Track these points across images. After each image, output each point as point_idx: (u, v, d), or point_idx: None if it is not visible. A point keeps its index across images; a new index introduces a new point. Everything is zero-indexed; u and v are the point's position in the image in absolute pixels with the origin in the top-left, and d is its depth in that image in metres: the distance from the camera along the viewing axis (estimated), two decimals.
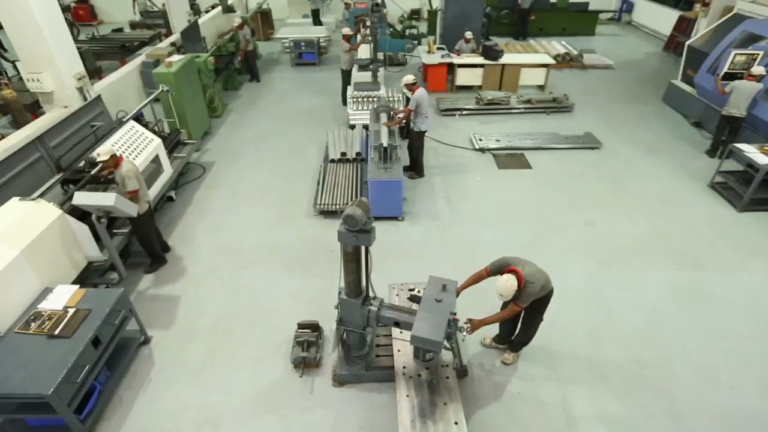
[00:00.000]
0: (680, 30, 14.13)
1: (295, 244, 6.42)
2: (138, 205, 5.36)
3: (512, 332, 4.75)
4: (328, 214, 6.98)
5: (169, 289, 5.70)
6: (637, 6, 17.31)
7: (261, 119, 10.15)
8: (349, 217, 3.57)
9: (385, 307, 4.22)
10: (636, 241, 6.49)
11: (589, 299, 5.54)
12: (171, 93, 7.53)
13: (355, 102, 9.38)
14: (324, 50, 14.15)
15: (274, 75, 12.80)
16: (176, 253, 6.24)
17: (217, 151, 8.81)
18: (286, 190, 7.61)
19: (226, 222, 6.87)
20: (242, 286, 5.73)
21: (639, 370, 4.69)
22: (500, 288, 3.91)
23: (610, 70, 13.00)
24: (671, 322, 5.24)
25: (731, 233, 6.65)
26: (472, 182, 7.86)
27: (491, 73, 11.03)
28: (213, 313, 5.36)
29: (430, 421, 3.91)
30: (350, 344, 4.58)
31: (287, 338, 4.98)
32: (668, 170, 8.16)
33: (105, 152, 5.05)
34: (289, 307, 5.39)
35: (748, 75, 7.71)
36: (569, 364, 4.76)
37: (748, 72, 7.94)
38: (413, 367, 4.46)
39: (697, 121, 9.69)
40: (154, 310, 5.38)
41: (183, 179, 7.82)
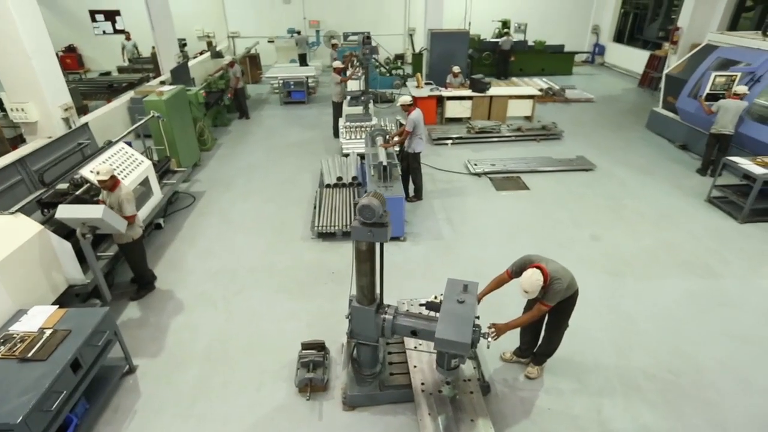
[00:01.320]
0: (652, 67, 14.86)
1: (292, 268, 6.06)
2: (133, 230, 5.02)
3: (534, 343, 4.42)
4: (327, 237, 6.68)
5: (156, 316, 5.23)
6: (609, 49, 18.30)
7: (251, 151, 10.00)
8: (366, 207, 3.32)
9: (401, 314, 3.87)
10: (644, 253, 6.34)
11: (607, 310, 5.27)
12: (162, 119, 7.36)
13: (348, 131, 9.36)
14: (312, 90, 14.37)
15: (263, 113, 12.83)
16: (165, 280, 5.80)
17: (207, 181, 8.55)
18: (280, 215, 7.33)
19: (219, 248, 6.50)
20: (237, 310, 5.30)
21: (672, 379, 4.36)
22: (525, 283, 3.64)
23: (592, 103, 13.44)
24: (695, 329, 4.98)
25: (737, 243, 6.57)
26: (472, 203, 7.72)
27: (480, 104, 11.25)
28: (206, 338, 4.89)
29: None
30: (361, 361, 4.16)
31: (289, 361, 4.53)
32: (663, 189, 8.19)
33: (105, 171, 4.75)
34: (290, 330, 4.97)
35: (732, 94, 7.96)
36: (597, 376, 4.41)
37: (730, 92, 8.22)
38: (432, 383, 4.05)
39: (683, 144, 9.91)
40: (140, 338, 4.89)
41: (172, 208, 7.48)
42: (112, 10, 17.03)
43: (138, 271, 5.34)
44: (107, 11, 17.03)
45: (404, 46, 18.35)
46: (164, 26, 12.19)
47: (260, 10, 17.45)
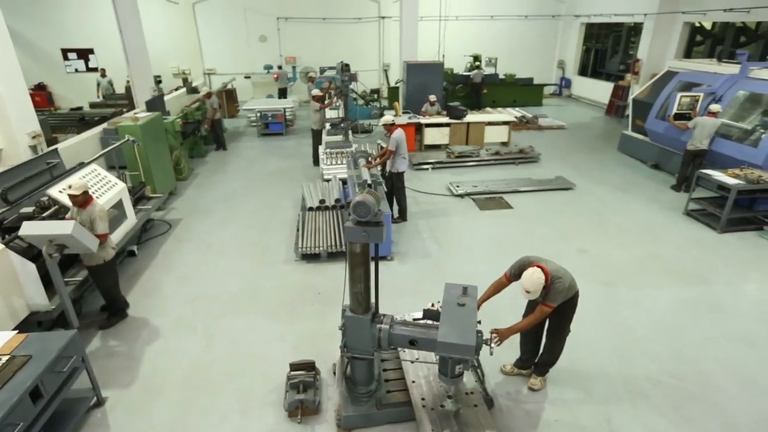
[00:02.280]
0: (617, 96, 15.58)
1: (277, 290, 5.76)
2: (105, 251, 4.70)
3: (535, 353, 4.23)
4: (311, 259, 6.44)
5: (129, 344, 4.81)
6: (575, 81, 19.17)
7: (230, 180, 9.78)
8: (360, 204, 3.16)
9: (398, 323, 3.65)
10: (632, 263, 6.34)
11: (604, 318, 5.16)
12: (137, 143, 7.12)
13: (329, 157, 9.28)
14: (290, 122, 14.38)
15: (241, 144, 12.69)
16: (138, 307, 5.40)
17: (183, 209, 8.23)
18: (262, 240, 7.06)
19: (197, 273, 6.16)
20: (219, 335, 4.94)
21: (678, 384, 4.22)
22: (526, 283, 3.50)
23: (564, 130, 13.87)
24: (693, 334, 4.90)
25: (719, 252, 6.65)
26: (457, 223, 7.65)
27: (457, 131, 11.42)
28: (184, 364, 4.51)
29: None
30: (356, 379, 3.87)
31: (277, 385, 4.20)
32: (642, 204, 8.33)
33: (78, 186, 4.47)
34: (277, 352, 4.64)
35: (708, 113, 8.31)
36: (602, 384, 4.23)
37: (696, 111, 8.60)
38: (433, 398, 3.79)
39: (654, 164, 10.22)
40: (109, 368, 4.47)
41: (146, 236, 7.12)
42: (86, 49, 16.91)
43: (109, 297, 4.95)
44: (80, 50, 16.89)
45: (379, 81, 18.79)
46: (139, 59, 12.11)
47: (236, 47, 17.66)
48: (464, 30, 17.83)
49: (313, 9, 17.36)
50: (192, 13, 17.04)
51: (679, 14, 13.11)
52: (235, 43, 17.66)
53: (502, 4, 18.18)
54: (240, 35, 17.59)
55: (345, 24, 17.74)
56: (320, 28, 17.72)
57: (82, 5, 16.06)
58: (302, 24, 17.57)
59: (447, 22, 15.74)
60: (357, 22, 17.77)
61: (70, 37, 16.63)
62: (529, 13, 18.46)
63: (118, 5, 11.65)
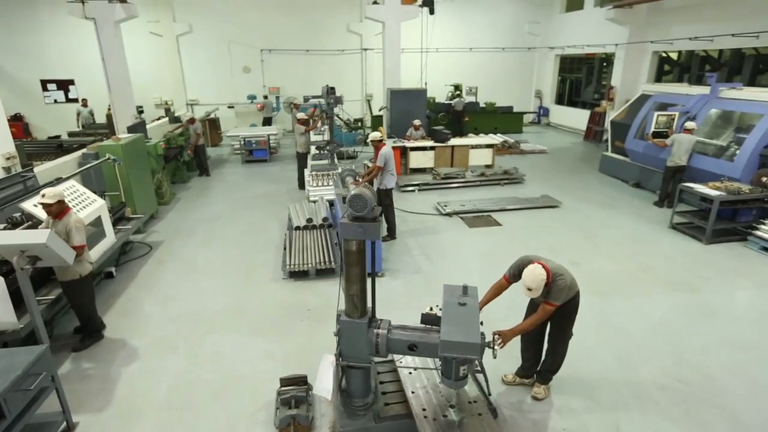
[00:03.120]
0: (594, 122, 16.07)
1: (264, 308, 5.51)
2: (81, 265, 4.43)
3: (537, 360, 4.07)
4: (299, 276, 6.22)
5: (104, 366, 4.47)
6: (552, 110, 19.78)
7: (213, 204, 9.56)
8: (357, 197, 3.05)
9: (396, 328, 3.47)
10: (624, 274, 6.31)
11: (602, 327, 5.05)
12: (118, 163, 6.92)
13: (315, 178, 9.19)
14: (274, 150, 14.33)
15: (224, 170, 12.53)
16: (115, 328, 5.07)
17: (165, 232, 7.95)
18: (247, 259, 6.83)
19: (180, 292, 5.87)
20: (203, 353, 4.65)
21: (685, 388, 4.09)
22: (527, 280, 3.39)
23: (545, 154, 14.15)
24: (693, 339, 4.82)
25: (708, 261, 6.69)
26: (447, 240, 7.56)
27: (442, 154, 11.52)
28: (165, 385, 4.19)
29: None
30: (352, 390, 3.63)
31: (267, 402, 3.92)
32: (628, 219, 8.41)
33: (52, 195, 4.25)
34: (266, 370, 4.36)
35: (684, 129, 8.56)
36: (608, 391, 4.07)
37: (672, 129, 8.87)
38: (434, 409, 3.56)
39: (636, 183, 10.42)
40: (82, 391, 4.12)
41: (125, 258, 6.81)
42: (66, 80, 16.79)
43: (84, 316, 4.63)
44: (61, 81, 16.76)
45: (362, 111, 19.04)
46: (122, 88, 12.02)
47: (220, 78, 17.76)
48: (444, 61, 18.38)
49: (296, 41, 17.71)
50: (176, 46, 17.17)
51: (648, 43, 13.77)
52: (218, 74, 17.78)
53: (480, 37, 18.88)
54: (224, 66, 17.74)
55: (328, 55, 18.10)
56: (303, 59, 18.04)
57: (63, 36, 16.05)
58: (286, 55, 17.87)
59: (428, 54, 16.22)
60: (340, 54, 18.15)
61: (51, 68, 16.53)
62: (506, 45, 19.20)
63: (102, 35, 11.65)
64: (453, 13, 17.80)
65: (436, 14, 14.27)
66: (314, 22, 17.64)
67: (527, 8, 18.95)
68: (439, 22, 16.21)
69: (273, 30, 17.52)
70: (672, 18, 13.09)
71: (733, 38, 10.97)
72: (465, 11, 18.32)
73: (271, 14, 17.32)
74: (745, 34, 10.65)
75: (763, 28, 10.28)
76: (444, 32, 17.68)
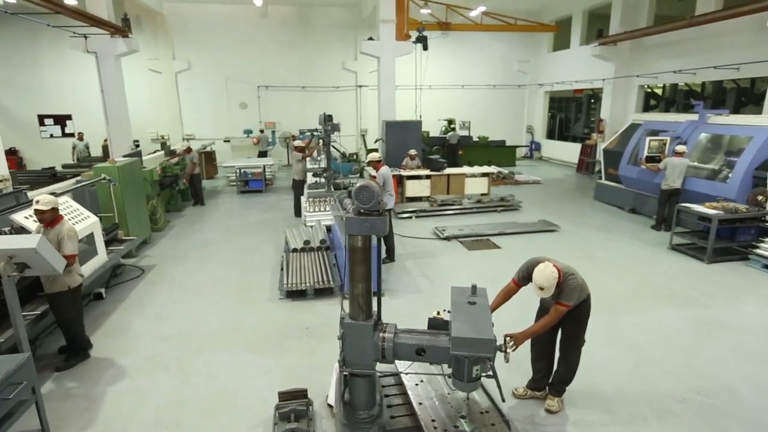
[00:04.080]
0: (586, 154, 16.36)
1: (260, 327, 5.28)
2: (71, 276, 4.25)
3: (549, 370, 3.89)
4: (297, 296, 6.02)
5: (89, 385, 4.20)
6: (544, 144, 20.18)
7: (208, 230, 9.41)
8: (363, 188, 2.97)
9: (403, 331, 3.30)
10: (627, 291, 6.20)
11: (611, 341, 4.89)
12: (113, 183, 6.82)
13: (312, 204, 9.13)
14: (270, 181, 14.32)
15: (219, 200, 12.44)
16: (103, 347, 4.81)
17: (158, 256, 7.75)
18: (243, 280, 6.64)
19: (172, 312, 5.63)
20: (196, 371, 4.39)
21: (705, 400, 3.90)
22: (539, 278, 3.28)
23: (540, 184, 14.28)
24: (707, 352, 4.66)
25: (711, 279, 6.61)
26: (446, 262, 7.44)
27: (438, 182, 11.57)
28: (154, 404, 3.92)
29: None
30: (355, 402, 3.41)
31: (264, 419, 3.67)
32: (627, 241, 8.38)
33: (46, 202, 4.13)
34: (263, 386, 4.12)
35: (675, 153, 8.70)
36: (624, 404, 3.87)
37: (665, 153, 9.01)
38: (444, 420, 3.34)
39: (632, 209, 10.46)
40: (64, 410, 3.84)
41: (116, 280, 6.58)
42: (64, 115, 16.93)
43: (70, 332, 4.39)
44: (58, 116, 16.89)
45: (357, 145, 19.28)
46: (119, 118, 12.14)
47: (217, 113, 18.02)
48: (438, 97, 18.85)
49: (293, 78, 18.15)
50: (174, 82, 17.50)
51: (634, 78, 14.26)
52: (215, 109, 18.06)
53: (472, 74, 19.49)
54: (221, 102, 18.05)
55: (323, 92, 18.51)
56: (299, 95, 18.42)
57: (62, 72, 16.34)
58: (282, 92, 18.24)
59: (422, 91, 16.64)
60: (335, 91, 18.58)
61: (49, 103, 16.70)
62: (497, 83, 19.81)
63: (103, 69, 11.86)
64: (445, 52, 18.40)
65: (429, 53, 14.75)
66: (310, 60, 18.15)
67: (516, 48, 19.71)
68: (432, 60, 16.70)
69: (270, 67, 17.97)
70: (655, 54, 13.64)
71: (716, 70, 11.38)
72: (456, 50, 18.98)
73: (268, 52, 17.82)
74: (727, 66, 11.07)
75: (742, 60, 10.70)
76: (437, 70, 18.18)
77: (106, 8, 11.12)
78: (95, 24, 10.44)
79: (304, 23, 17.88)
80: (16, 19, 15.28)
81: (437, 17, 14.73)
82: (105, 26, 10.83)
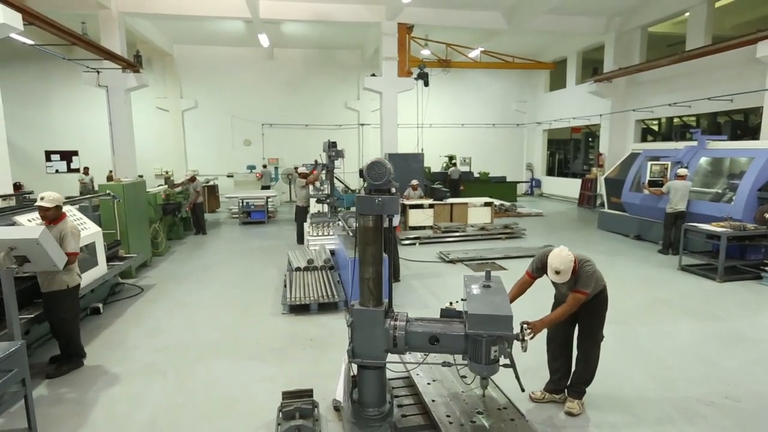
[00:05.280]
0: (586, 188, 16.46)
1: (263, 339, 5.08)
2: (70, 275, 4.14)
3: (567, 371, 3.70)
4: (300, 311, 5.83)
5: (80, 391, 3.98)
6: (544, 181, 20.37)
7: (209, 255, 9.29)
8: (376, 164, 2.94)
9: (415, 320, 3.16)
10: (641, 307, 6.03)
11: (629, 351, 4.69)
12: (117, 200, 6.80)
13: (315, 227, 9.07)
14: (272, 214, 14.32)
15: (221, 230, 12.37)
16: (98, 357, 4.60)
17: (157, 277, 7.58)
18: (244, 298, 6.46)
19: (170, 325, 5.44)
20: (195, 378, 4.18)
21: (735, 405, 3.69)
22: (555, 261, 3.19)
23: (542, 216, 14.27)
24: (728, 360, 4.46)
25: (725, 296, 6.45)
26: (453, 281, 7.27)
27: (441, 211, 11.56)
28: (150, 409, 3.69)
29: None
30: (365, 399, 3.20)
31: (266, 422, 3.44)
32: (634, 264, 8.25)
33: (51, 198, 4.10)
34: (265, 392, 3.90)
35: (677, 176, 8.74)
36: (649, 408, 3.64)
37: (667, 177, 9.07)
38: (459, 417, 3.12)
39: (637, 235, 10.38)
40: (54, 415, 3.61)
41: (114, 298, 6.41)
42: (70, 151, 17.20)
43: (65, 334, 4.20)
44: (64, 152, 17.15)
45: (359, 183, 19.45)
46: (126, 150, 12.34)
47: (221, 150, 18.32)
48: (438, 134, 19.24)
49: (296, 116, 18.59)
50: (181, 120, 17.91)
51: (630, 112, 14.61)
52: (220, 146, 18.37)
53: (471, 113, 20.00)
54: (225, 139, 18.40)
55: (326, 130, 18.87)
56: (302, 133, 18.78)
57: (71, 109, 16.77)
58: (286, 129, 18.63)
59: (422, 129, 17.01)
60: (337, 129, 18.97)
61: (56, 139, 17.01)
62: (496, 121, 20.30)
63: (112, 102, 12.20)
64: (445, 91, 18.98)
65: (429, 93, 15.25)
66: (314, 99, 18.68)
67: (513, 88, 20.35)
68: (432, 100, 17.21)
69: (275, 106, 18.46)
70: (649, 89, 14.05)
71: (710, 102, 11.68)
72: (455, 90, 19.58)
73: (273, 91, 18.37)
74: (720, 97, 11.37)
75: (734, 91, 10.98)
76: (437, 109, 18.68)
77: (119, 43, 11.56)
78: (108, 57, 10.81)
79: (309, 65, 18.56)
80: (31, 60, 16.02)
81: (437, 55, 15.30)
82: (117, 60, 11.21)
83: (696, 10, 12.22)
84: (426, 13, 13.36)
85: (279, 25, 15.16)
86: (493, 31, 14.86)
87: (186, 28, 15.67)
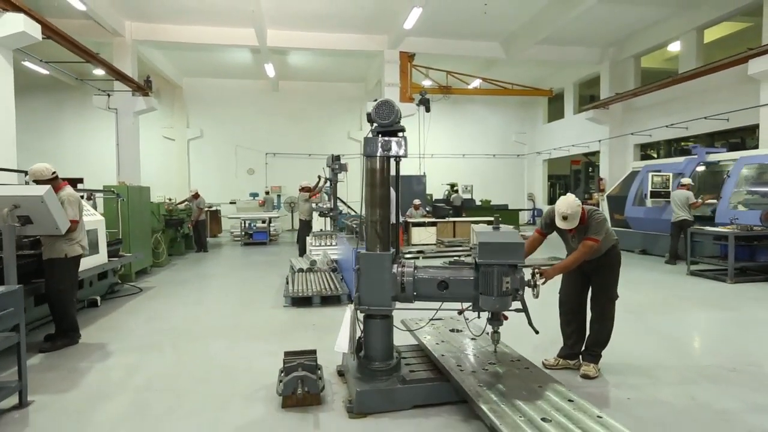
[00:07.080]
0: None
1: (264, 325, 4.92)
2: (70, 245, 4.07)
3: (582, 335, 3.55)
4: (302, 304, 5.68)
5: (76, 360, 3.82)
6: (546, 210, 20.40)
7: (210, 266, 9.18)
8: (384, 103, 2.96)
9: (422, 267, 3.09)
10: (654, 301, 5.87)
11: (643, 333, 4.55)
12: (121, 199, 6.81)
13: (318, 238, 9.01)
14: (274, 237, 14.26)
15: (222, 250, 12.28)
16: (94, 338, 4.43)
17: (157, 282, 7.44)
18: (245, 296, 6.36)
19: (168, 315, 5.31)
20: (194, 352, 4.02)
21: (759, 370, 3.52)
22: (562, 206, 3.16)
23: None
24: (746, 339, 4.32)
25: (737, 295, 6.27)
26: None
27: (444, 229, 11.53)
28: (144, 375, 3.52)
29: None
30: (371, 351, 3.06)
31: (267, 383, 3.28)
32: (645, 271, 8.12)
33: (39, 170, 4.04)
34: (266, 364, 3.71)
35: (680, 185, 8.75)
36: (668, 372, 3.48)
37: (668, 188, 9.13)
38: (471, 367, 2.97)
39: (642, 250, 10.29)
40: (46, 379, 3.45)
41: (112, 296, 6.27)
42: (76, 178, 17.35)
43: (61, 306, 4.07)
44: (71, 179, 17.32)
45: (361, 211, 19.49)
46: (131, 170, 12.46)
47: (225, 178, 18.51)
48: (440, 164, 19.46)
49: (300, 146, 18.90)
50: (186, 148, 18.24)
51: (629, 136, 14.87)
52: (223, 174, 18.58)
53: (471, 144, 20.33)
54: (229, 168, 18.64)
55: None
56: (306, 162, 19.02)
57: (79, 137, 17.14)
58: (289, 158, 18.91)
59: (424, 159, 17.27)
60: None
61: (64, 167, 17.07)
62: (496, 152, 20.61)
63: (121, 124, 12.47)
64: (446, 123, 19.39)
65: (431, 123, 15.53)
66: (317, 129, 19.09)
67: (512, 120, 20.82)
68: (434, 131, 17.50)
69: (278, 136, 18.83)
70: (646, 114, 14.36)
71: (707, 121, 11.90)
72: (456, 122, 20.02)
73: (277, 122, 18.81)
74: (716, 116, 11.59)
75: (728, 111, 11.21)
76: (438, 140, 19.03)
77: (131, 68, 11.97)
78: (119, 78, 11.16)
79: (313, 96, 19.10)
80: (46, 90, 16.57)
81: (438, 82, 15.77)
82: (128, 82, 11.56)
83: (686, 37, 12.71)
84: (427, 42, 13.91)
85: (285, 57, 15.76)
86: (492, 61, 15.41)
87: (196, 60, 16.28)
